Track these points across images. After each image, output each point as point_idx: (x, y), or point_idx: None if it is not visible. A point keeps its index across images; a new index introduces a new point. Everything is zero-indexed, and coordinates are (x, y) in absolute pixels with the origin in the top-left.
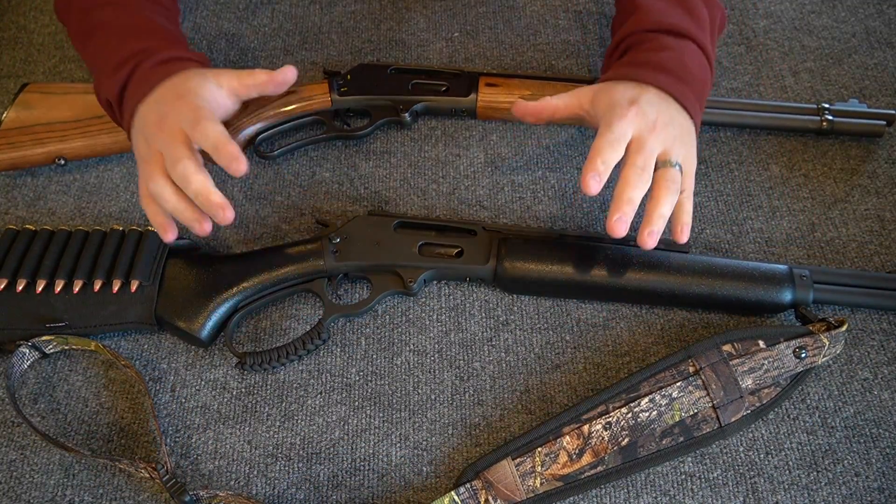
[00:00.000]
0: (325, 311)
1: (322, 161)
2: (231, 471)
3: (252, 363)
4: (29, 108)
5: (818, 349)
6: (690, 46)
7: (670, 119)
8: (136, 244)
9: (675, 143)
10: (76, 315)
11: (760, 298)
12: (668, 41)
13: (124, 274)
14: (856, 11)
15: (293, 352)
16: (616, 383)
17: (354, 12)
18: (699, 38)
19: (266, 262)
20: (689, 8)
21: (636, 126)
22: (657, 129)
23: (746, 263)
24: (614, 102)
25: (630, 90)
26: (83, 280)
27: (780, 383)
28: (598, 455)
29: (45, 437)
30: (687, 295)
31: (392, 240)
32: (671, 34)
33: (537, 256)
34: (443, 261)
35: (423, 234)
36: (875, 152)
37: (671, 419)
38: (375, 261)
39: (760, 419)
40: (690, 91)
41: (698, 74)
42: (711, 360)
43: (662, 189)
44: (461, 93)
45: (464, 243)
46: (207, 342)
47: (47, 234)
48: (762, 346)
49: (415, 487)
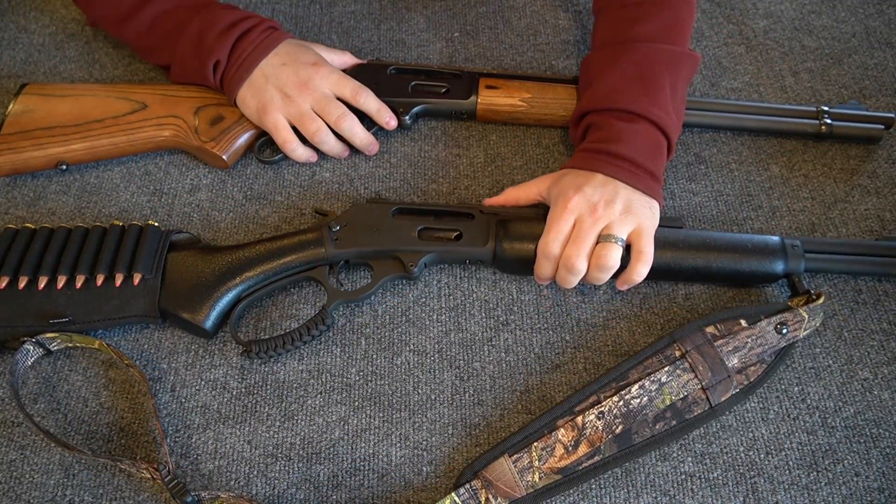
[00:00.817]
0: (329, 298)
1: (322, 161)
2: (231, 471)
3: (258, 350)
4: (29, 110)
5: (798, 323)
6: (643, 126)
7: (614, 196)
8: (137, 238)
9: (621, 217)
10: (80, 310)
11: (754, 269)
12: (619, 127)
13: (126, 267)
14: (856, 11)
15: (298, 338)
16: (605, 373)
17: (354, 12)
18: (652, 114)
19: (268, 252)
20: (645, 81)
21: (577, 212)
22: (598, 210)
23: (740, 236)
24: (563, 190)
25: (579, 178)
26: (85, 275)
27: (766, 360)
28: (594, 445)
29: (48, 435)
30: (682, 268)
31: (391, 225)
32: (624, 116)
33: (535, 237)
34: (442, 244)
35: (422, 218)
36: (875, 152)
37: (662, 403)
38: (376, 246)
39: (749, 397)
40: (641, 171)
41: (651, 152)
42: (696, 342)
43: (593, 269)
44: (461, 95)
45: (462, 226)
46: (212, 332)
47: (47, 231)
48: (744, 325)
49: (415, 487)
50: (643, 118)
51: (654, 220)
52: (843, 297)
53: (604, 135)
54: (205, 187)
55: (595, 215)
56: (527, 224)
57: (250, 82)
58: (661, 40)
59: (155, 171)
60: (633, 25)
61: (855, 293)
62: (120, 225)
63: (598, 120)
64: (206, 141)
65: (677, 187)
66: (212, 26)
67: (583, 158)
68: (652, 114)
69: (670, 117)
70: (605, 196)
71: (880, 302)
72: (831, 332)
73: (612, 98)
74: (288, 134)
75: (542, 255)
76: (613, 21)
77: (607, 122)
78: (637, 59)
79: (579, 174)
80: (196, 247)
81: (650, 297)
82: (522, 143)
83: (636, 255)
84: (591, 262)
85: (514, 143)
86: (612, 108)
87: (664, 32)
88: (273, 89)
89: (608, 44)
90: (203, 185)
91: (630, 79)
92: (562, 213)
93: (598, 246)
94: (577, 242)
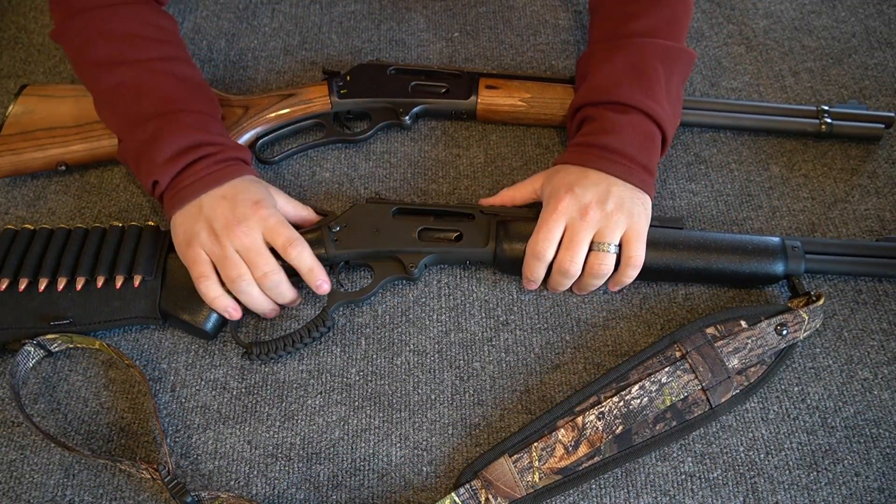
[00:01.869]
0: (329, 299)
1: (322, 161)
2: (231, 471)
3: (259, 353)
4: (29, 111)
5: (798, 324)
6: (636, 118)
7: (606, 196)
8: (137, 239)
9: (612, 216)
10: (80, 312)
11: (754, 270)
12: (612, 119)
13: (127, 269)
14: (856, 11)
15: (299, 340)
16: (605, 373)
17: (354, 12)
18: (645, 106)
19: None
20: (639, 75)
21: (568, 215)
22: (589, 213)
23: (740, 237)
24: (555, 189)
25: (572, 175)
26: (86, 277)
27: (766, 361)
28: (594, 445)
29: (48, 437)
30: (682, 269)
31: (392, 226)
32: (618, 108)
33: None
34: (443, 245)
35: (422, 219)
36: (875, 152)
37: (662, 404)
38: (376, 247)
39: (749, 398)
40: (634, 164)
41: (644, 145)
42: (696, 343)
43: (587, 276)
44: (461, 95)
45: (463, 227)
46: (212, 334)
47: (46, 232)
48: (744, 326)
49: (415, 487)
50: (636, 110)
51: (646, 217)
52: (843, 297)
53: (597, 126)
54: None
55: (586, 219)
56: (527, 224)
57: (184, 210)
58: (657, 36)
59: None
60: (629, 21)
61: (855, 293)
62: (119, 226)
63: (593, 113)
64: None
65: (677, 187)
66: (166, 143)
67: (576, 153)
68: (645, 105)
69: (664, 109)
70: (596, 196)
71: (880, 302)
72: (831, 332)
73: (606, 91)
74: (206, 269)
75: (531, 255)
76: (609, 17)
77: (601, 115)
78: (632, 54)
79: (571, 171)
80: None
81: (650, 297)
82: (522, 143)
83: (626, 260)
84: (584, 270)
85: (514, 143)
86: (606, 102)
87: (660, 28)
88: (202, 222)
89: (603, 39)
90: None
91: (624, 72)
92: (552, 215)
93: (591, 255)
94: (571, 248)
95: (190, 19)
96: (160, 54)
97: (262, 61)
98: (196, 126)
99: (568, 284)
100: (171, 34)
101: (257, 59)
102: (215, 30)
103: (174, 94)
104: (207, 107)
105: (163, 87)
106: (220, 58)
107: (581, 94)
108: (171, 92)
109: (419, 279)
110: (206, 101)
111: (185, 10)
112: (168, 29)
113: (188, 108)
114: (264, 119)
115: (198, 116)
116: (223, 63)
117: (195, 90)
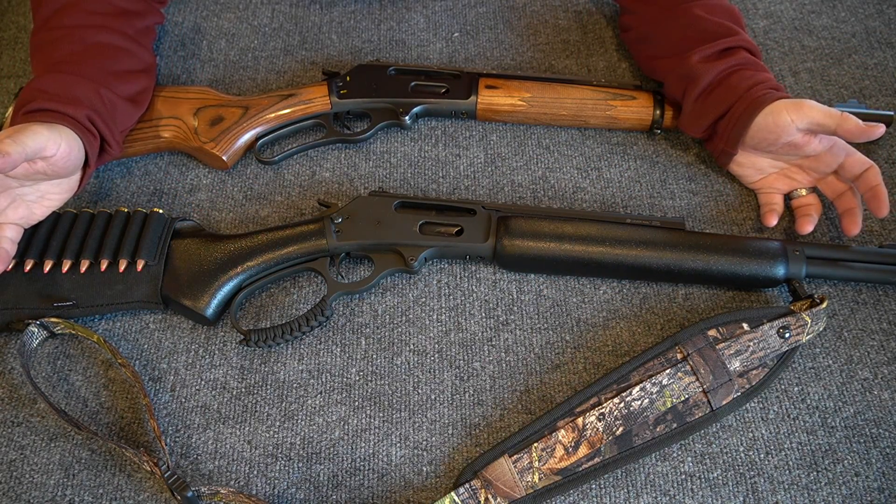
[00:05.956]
0: (329, 289)
1: (322, 161)
2: (231, 471)
3: (257, 339)
4: None
5: (801, 327)
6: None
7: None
8: (142, 225)
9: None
10: (83, 294)
11: (755, 273)
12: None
13: (130, 254)
14: (856, 11)
15: (297, 328)
16: (606, 374)
17: (354, 12)
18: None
19: (270, 242)
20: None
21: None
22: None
23: (741, 238)
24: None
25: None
26: (90, 260)
27: (768, 364)
28: (594, 446)
29: (60, 413)
30: (682, 270)
31: (393, 219)
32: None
33: (536, 234)
34: (443, 239)
35: (424, 213)
36: (875, 152)
37: (663, 406)
38: (377, 239)
39: (751, 401)
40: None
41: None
42: (698, 345)
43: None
44: (461, 95)
45: (464, 222)
46: (213, 320)
47: (54, 215)
48: (746, 329)
49: (415, 487)
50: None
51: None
52: (843, 297)
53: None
54: (205, 187)
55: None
56: (527, 221)
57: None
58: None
59: (155, 171)
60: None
61: (855, 293)
62: (125, 211)
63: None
64: (206, 142)
65: (677, 187)
66: (32, 97)
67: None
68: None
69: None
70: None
71: (880, 302)
72: (831, 332)
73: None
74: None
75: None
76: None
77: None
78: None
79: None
80: (200, 235)
81: (650, 297)
82: (522, 143)
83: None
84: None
85: (514, 143)
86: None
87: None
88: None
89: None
90: (203, 186)
91: (725, 13)
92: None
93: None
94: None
95: (190, 19)
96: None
97: (262, 61)
98: (43, 89)
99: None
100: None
101: (257, 59)
102: (215, 30)
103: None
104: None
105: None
106: (220, 58)
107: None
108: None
109: (419, 272)
110: (92, 66)
111: (185, 10)
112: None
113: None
114: (264, 119)
115: (53, 79)
116: (223, 63)
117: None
